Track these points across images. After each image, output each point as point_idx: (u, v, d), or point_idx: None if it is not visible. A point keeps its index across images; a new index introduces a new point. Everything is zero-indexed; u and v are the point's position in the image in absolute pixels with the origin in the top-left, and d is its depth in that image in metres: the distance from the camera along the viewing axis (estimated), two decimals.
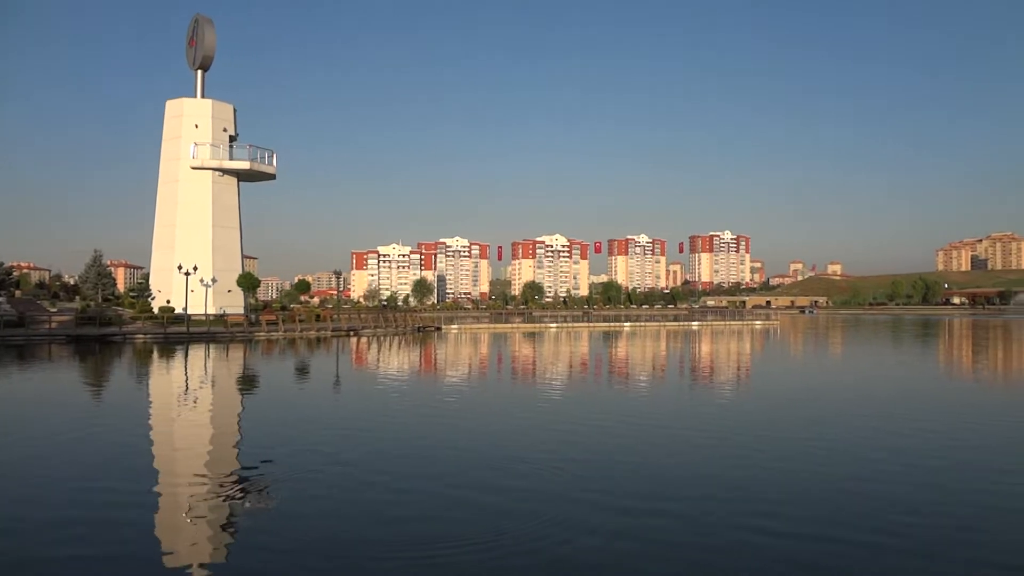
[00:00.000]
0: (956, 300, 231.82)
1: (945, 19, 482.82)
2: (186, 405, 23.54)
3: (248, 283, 69.04)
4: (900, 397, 24.44)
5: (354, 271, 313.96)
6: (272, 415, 20.78)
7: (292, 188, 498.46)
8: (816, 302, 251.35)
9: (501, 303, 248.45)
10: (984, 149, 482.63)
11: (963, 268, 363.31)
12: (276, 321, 65.05)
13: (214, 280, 64.36)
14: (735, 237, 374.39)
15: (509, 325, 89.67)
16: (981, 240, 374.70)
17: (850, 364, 40.89)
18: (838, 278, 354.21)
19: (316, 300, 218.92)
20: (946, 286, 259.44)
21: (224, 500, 11.35)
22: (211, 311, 63.27)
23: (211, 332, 57.55)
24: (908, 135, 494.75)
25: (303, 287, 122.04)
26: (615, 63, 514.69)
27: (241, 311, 67.11)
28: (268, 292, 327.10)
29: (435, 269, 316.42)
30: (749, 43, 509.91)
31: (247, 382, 30.28)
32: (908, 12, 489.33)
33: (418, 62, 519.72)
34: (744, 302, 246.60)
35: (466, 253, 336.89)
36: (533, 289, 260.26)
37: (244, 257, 72.10)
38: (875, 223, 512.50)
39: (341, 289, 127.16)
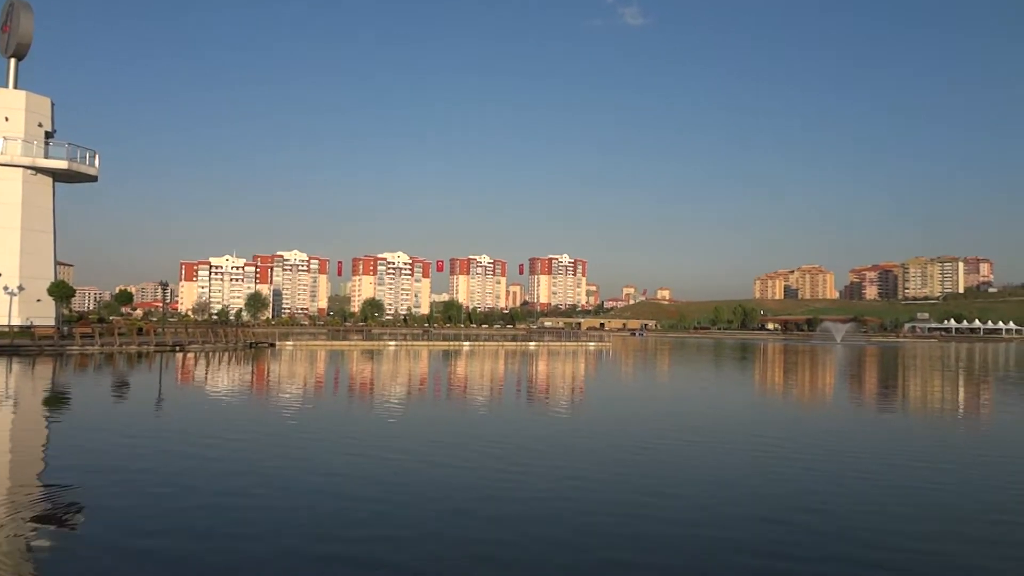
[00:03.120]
0: (771, 326, 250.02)
1: (779, 72, 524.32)
2: None
3: (61, 292, 64.03)
4: (706, 417, 25.97)
5: (183, 283, 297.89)
6: (80, 437, 19.23)
7: (117, 192, 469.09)
8: (646, 325, 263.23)
9: (340, 320, 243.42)
10: (798, 189, 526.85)
11: (777, 296, 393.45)
12: (92, 334, 60.43)
13: (20, 288, 59.14)
14: (572, 261, 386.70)
15: (347, 342, 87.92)
16: (793, 271, 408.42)
17: (672, 385, 43.03)
18: (667, 303, 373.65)
19: (139, 312, 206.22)
20: (762, 313, 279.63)
21: (12, 535, 10.32)
22: (16, 322, 58.22)
23: (15, 345, 52.64)
24: (734, 172, 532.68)
25: (125, 298, 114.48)
26: (462, 84, 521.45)
27: (52, 322, 62.00)
28: (85, 302, 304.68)
29: (271, 283, 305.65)
30: (588, 78, 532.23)
31: (54, 400, 27.84)
32: (730, 69, 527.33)
33: (260, 68, 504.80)
34: (580, 324, 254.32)
35: (304, 267, 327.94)
36: (373, 306, 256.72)
37: (58, 264, 66.86)
38: (702, 252, 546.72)
39: (167, 301, 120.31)
